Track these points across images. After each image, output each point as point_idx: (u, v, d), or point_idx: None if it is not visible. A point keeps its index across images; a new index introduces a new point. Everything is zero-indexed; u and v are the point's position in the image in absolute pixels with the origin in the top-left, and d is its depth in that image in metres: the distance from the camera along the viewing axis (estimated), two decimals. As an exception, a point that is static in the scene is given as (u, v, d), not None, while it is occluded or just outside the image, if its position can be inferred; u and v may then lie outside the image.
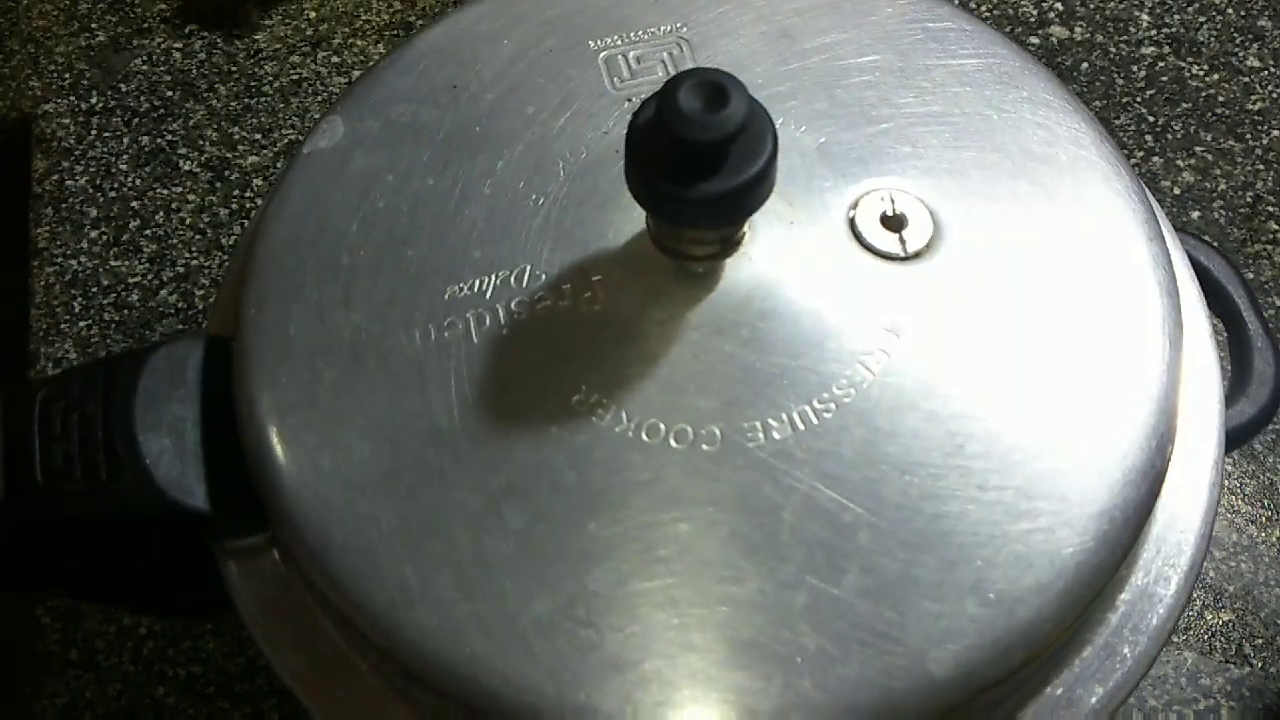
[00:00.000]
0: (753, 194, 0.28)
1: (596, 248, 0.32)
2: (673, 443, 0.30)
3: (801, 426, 0.30)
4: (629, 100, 0.35)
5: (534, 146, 0.34)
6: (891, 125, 0.34)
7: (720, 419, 0.30)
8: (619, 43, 0.36)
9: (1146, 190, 0.35)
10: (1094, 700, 0.31)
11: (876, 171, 0.33)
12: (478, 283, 0.32)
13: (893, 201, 0.33)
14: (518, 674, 0.28)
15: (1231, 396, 0.37)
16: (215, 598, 0.33)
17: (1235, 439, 0.36)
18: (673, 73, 0.35)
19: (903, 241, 0.32)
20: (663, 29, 0.36)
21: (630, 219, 0.32)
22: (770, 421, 0.30)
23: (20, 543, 0.33)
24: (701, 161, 0.28)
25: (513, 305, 0.31)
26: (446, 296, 0.32)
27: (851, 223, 0.32)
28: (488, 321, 0.31)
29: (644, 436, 0.30)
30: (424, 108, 0.35)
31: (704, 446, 0.30)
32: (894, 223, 0.33)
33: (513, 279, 0.32)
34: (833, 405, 0.30)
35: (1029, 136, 0.35)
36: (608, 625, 0.28)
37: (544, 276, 0.32)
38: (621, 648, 0.28)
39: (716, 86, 0.27)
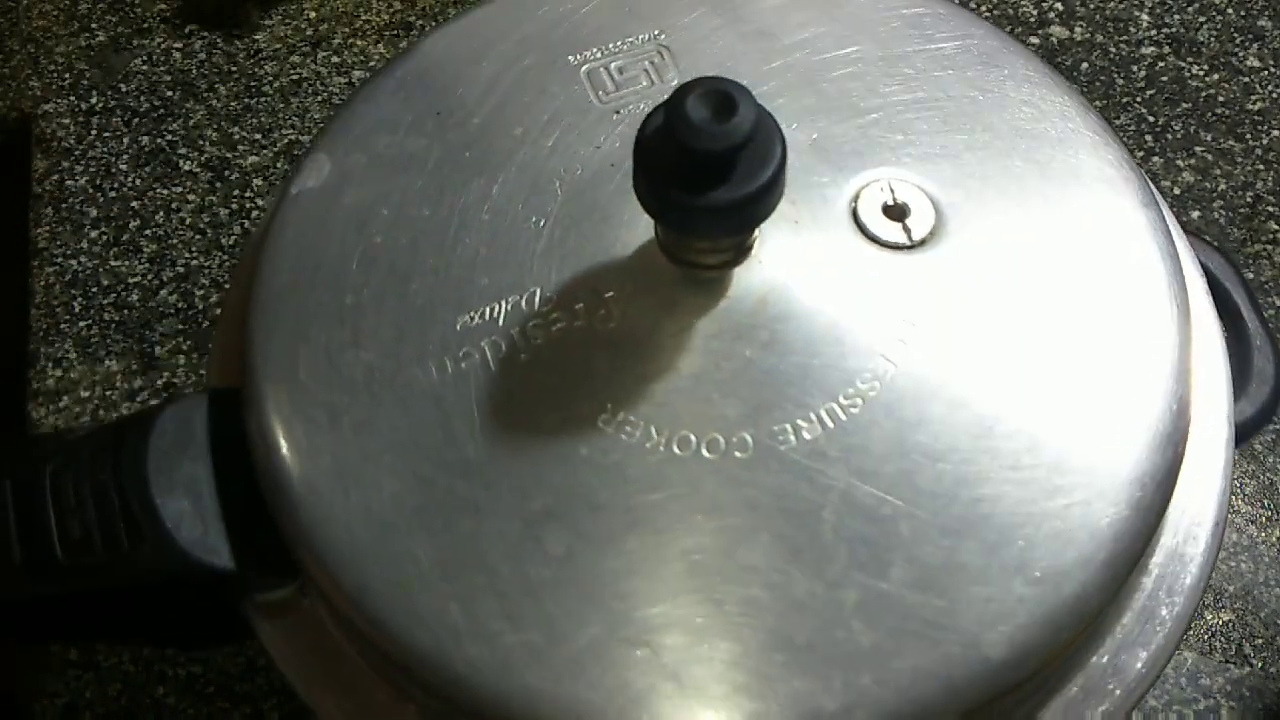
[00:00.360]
0: (763, 202, 0.28)
1: (604, 264, 0.32)
2: (705, 453, 0.29)
3: (830, 424, 0.30)
4: (617, 112, 0.35)
5: (527, 167, 0.34)
6: (881, 115, 0.35)
7: (750, 425, 0.30)
8: (599, 55, 0.36)
9: (1134, 159, 0.35)
10: (1139, 665, 0.32)
11: (872, 163, 0.34)
12: (488, 310, 0.32)
13: (892, 191, 0.33)
14: (574, 700, 0.28)
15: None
16: (240, 630, 0.33)
17: (1235, 438, 0.35)
18: (656, 81, 0.35)
19: (907, 230, 0.32)
20: (641, 38, 0.36)
21: (635, 232, 0.32)
22: (799, 422, 0.30)
23: (42, 613, 0.32)
24: (711, 170, 0.27)
25: (527, 329, 0.31)
26: (458, 327, 0.31)
27: (855, 216, 0.33)
28: (503, 348, 0.31)
29: (675, 450, 0.30)
30: (410, 137, 0.35)
31: (737, 454, 0.29)
32: (896, 212, 0.33)
33: (523, 303, 0.31)
34: (859, 400, 0.30)
35: (1016, 114, 0.35)
36: (660, 642, 0.28)
37: (555, 298, 0.31)
38: (676, 663, 0.28)
39: (724, 95, 0.27)
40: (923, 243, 0.32)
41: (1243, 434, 0.36)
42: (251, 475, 0.32)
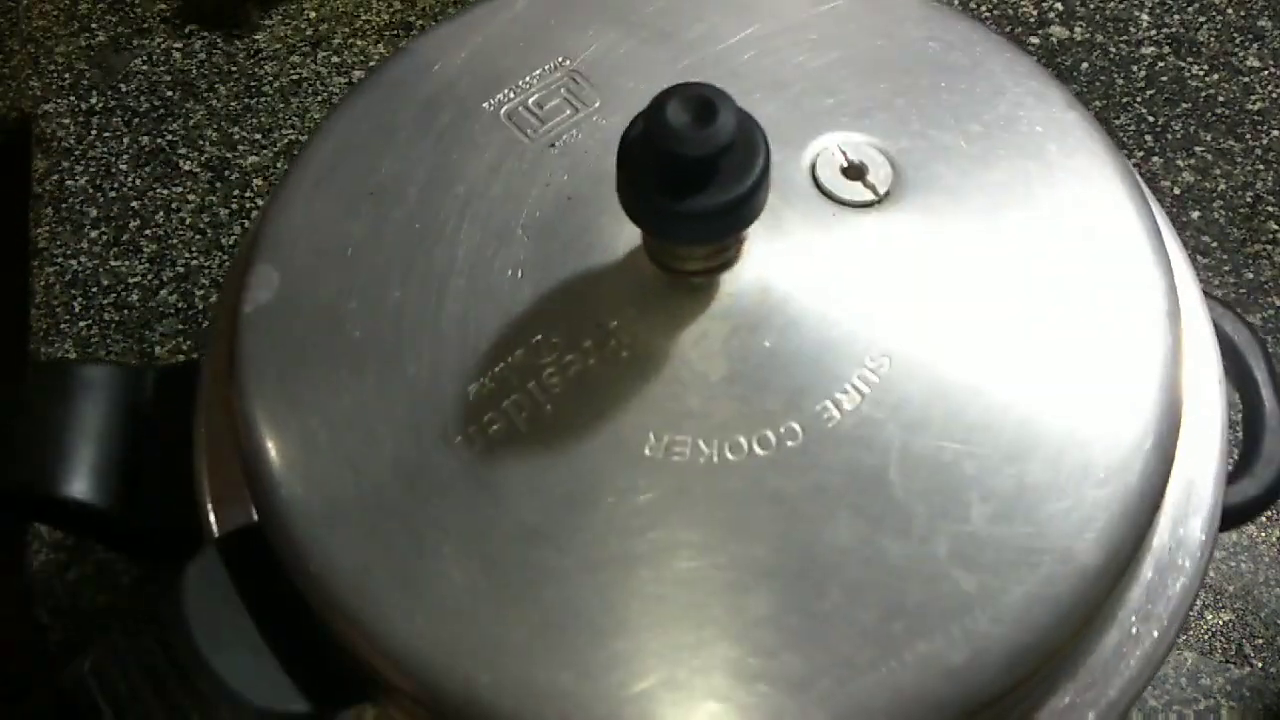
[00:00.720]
0: (752, 203, 0.28)
1: (597, 296, 0.31)
2: (759, 451, 0.29)
3: (867, 389, 0.30)
4: (552, 146, 0.34)
5: (484, 223, 0.33)
6: (804, 84, 0.35)
7: (793, 412, 0.30)
8: (512, 95, 0.35)
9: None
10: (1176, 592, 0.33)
11: (814, 131, 0.34)
12: (496, 371, 0.31)
13: (844, 153, 0.33)
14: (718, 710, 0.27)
15: (1235, 474, 0.36)
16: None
17: (1233, 518, 0.35)
18: (580, 107, 0.35)
19: (870, 186, 0.33)
20: (547, 68, 0.36)
21: (615, 255, 0.32)
22: (838, 395, 0.30)
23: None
24: (695, 176, 0.27)
25: (543, 380, 0.30)
26: (471, 397, 0.31)
27: (818, 185, 0.33)
28: (527, 405, 0.30)
29: (730, 456, 0.29)
30: (351, 224, 0.34)
31: (789, 444, 0.29)
32: (854, 172, 0.33)
33: (530, 356, 0.31)
34: (886, 359, 0.30)
35: (926, 51, 0.36)
36: (777, 651, 0.28)
37: (560, 342, 0.31)
38: (803, 661, 0.27)
39: (704, 100, 0.27)
40: (889, 194, 0.33)
41: (1242, 516, 0.36)
42: (296, 608, 0.30)
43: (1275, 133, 0.59)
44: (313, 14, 0.63)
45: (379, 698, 0.30)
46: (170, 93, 0.61)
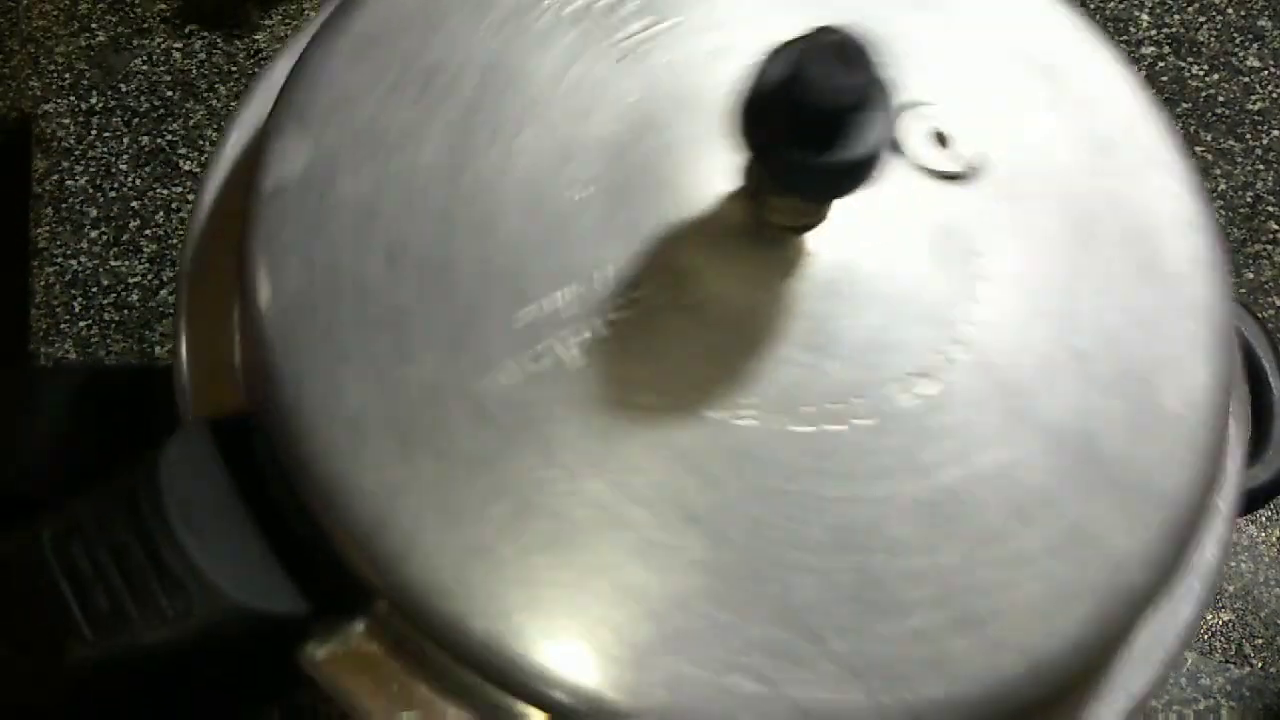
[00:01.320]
0: (878, 160, 0.26)
1: (667, 235, 0.29)
2: (829, 427, 0.28)
3: (942, 375, 0.28)
4: (627, 56, 0.31)
5: (551, 132, 0.30)
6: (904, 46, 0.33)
7: (866, 390, 0.28)
8: (584, -6, 0.32)
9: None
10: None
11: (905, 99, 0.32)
12: (549, 301, 0.28)
13: (934, 124, 0.31)
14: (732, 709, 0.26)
15: (1247, 461, 0.36)
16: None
17: (1246, 505, 0.35)
18: (658, 19, 0.32)
19: (959, 158, 0.31)
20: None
21: (694, 191, 0.29)
22: (911, 379, 0.28)
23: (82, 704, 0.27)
24: (833, 129, 0.25)
25: (603, 317, 0.28)
26: (520, 324, 0.28)
27: (905, 153, 0.31)
28: (579, 340, 0.28)
29: (795, 428, 0.28)
30: (396, 108, 0.30)
31: (857, 422, 0.28)
32: (944, 141, 0.31)
33: (591, 288, 0.28)
34: (963, 345, 0.29)
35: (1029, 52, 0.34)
36: (832, 633, 0.26)
37: (625, 278, 0.28)
38: (851, 652, 0.26)
39: (854, 47, 0.24)
40: (978, 170, 0.31)
41: (1255, 501, 0.36)
42: (289, 509, 0.27)
43: (1275, 133, 0.59)
44: (313, 14, 0.60)
45: (368, 613, 0.28)
46: (170, 93, 0.60)
